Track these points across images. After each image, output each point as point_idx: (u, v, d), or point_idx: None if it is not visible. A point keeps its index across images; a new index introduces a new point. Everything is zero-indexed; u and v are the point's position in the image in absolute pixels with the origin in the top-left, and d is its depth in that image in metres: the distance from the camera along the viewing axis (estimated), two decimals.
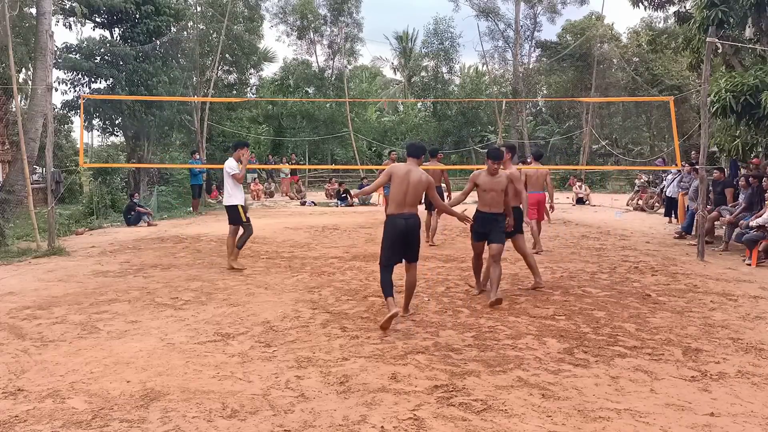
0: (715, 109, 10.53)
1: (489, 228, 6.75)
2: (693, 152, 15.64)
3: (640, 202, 18.02)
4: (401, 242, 5.82)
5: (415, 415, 3.77)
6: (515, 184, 7.08)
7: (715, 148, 13.81)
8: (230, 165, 8.79)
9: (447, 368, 4.59)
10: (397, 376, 4.42)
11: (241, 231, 8.86)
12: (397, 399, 4.01)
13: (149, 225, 14.65)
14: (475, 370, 4.56)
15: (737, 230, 9.91)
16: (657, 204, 17.40)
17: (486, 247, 6.87)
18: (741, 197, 10.57)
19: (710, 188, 11.44)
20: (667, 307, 6.55)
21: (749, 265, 9.10)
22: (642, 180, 19.35)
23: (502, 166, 6.88)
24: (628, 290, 7.32)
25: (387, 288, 5.76)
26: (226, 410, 3.84)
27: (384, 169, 6.38)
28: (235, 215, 8.79)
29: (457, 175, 31.44)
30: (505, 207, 6.82)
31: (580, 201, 20.56)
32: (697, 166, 12.63)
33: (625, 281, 7.86)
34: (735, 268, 8.91)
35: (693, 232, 11.16)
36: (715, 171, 11.81)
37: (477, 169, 7.26)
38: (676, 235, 11.88)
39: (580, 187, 21.51)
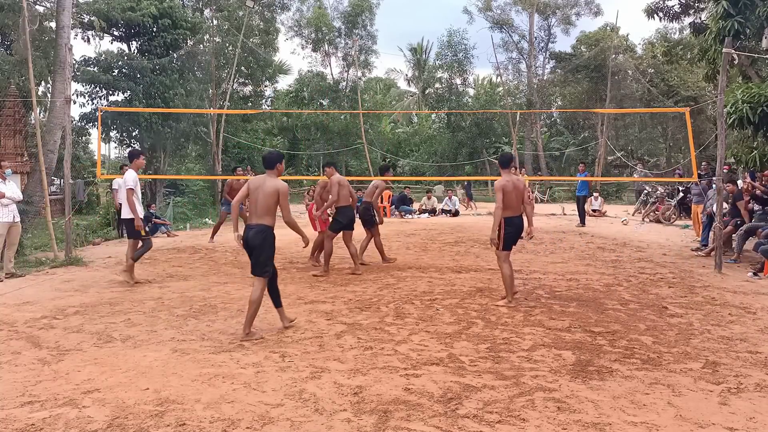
0: (732, 120, 10.46)
1: None
2: (704, 163, 15.36)
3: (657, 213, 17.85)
4: (248, 253, 5.87)
5: (429, 427, 3.75)
6: None
7: (732, 160, 13.66)
8: (131, 177, 8.28)
9: (461, 380, 4.57)
10: (411, 388, 4.40)
11: (139, 244, 8.58)
12: (411, 411, 3.99)
13: (168, 235, 14.85)
14: (490, 382, 4.53)
15: (755, 240, 9.78)
16: (674, 216, 17.24)
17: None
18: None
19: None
20: (684, 319, 6.47)
21: (755, 275, 9.00)
22: (658, 191, 19.10)
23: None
24: (644, 302, 7.25)
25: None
26: (241, 420, 3.85)
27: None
28: (132, 228, 8.47)
29: (474, 186, 31.41)
30: None
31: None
32: (705, 179, 12.45)
33: (642, 293, 7.78)
34: (751, 280, 8.79)
35: (710, 245, 10.99)
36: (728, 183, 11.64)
37: (493, 180, 7.46)
38: (695, 250, 11.60)
39: (596, 198, 21.23)
